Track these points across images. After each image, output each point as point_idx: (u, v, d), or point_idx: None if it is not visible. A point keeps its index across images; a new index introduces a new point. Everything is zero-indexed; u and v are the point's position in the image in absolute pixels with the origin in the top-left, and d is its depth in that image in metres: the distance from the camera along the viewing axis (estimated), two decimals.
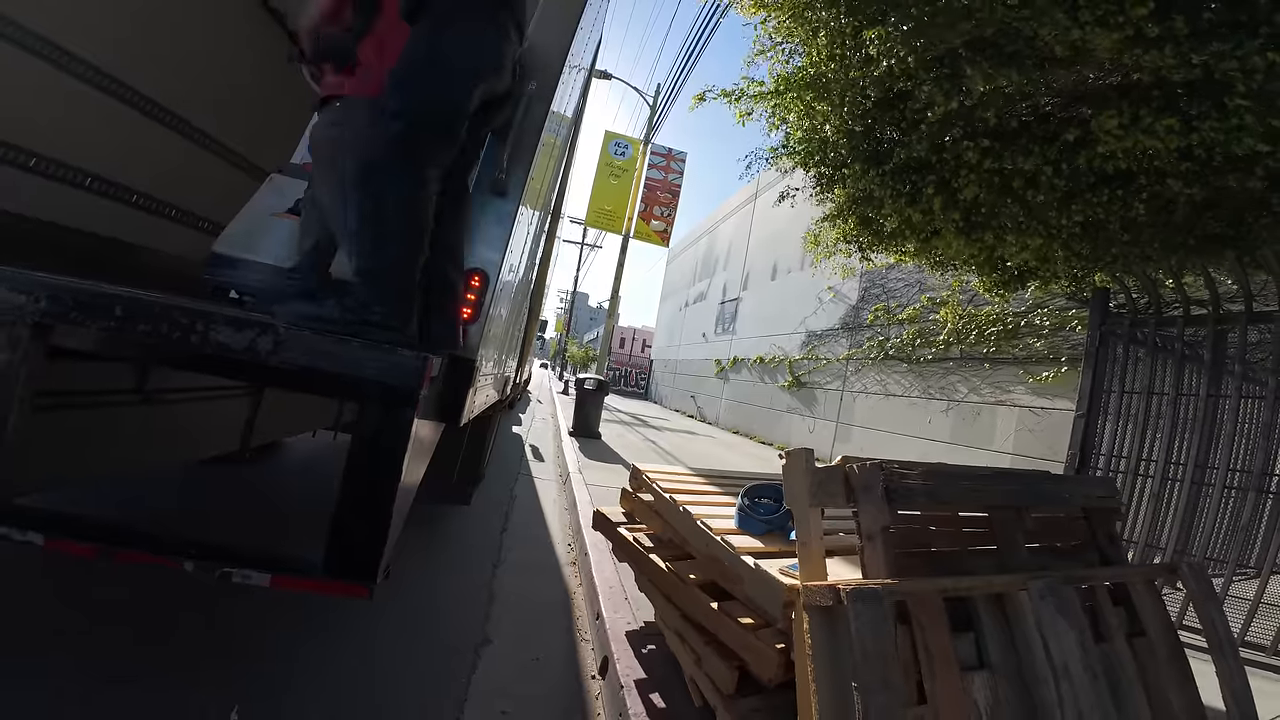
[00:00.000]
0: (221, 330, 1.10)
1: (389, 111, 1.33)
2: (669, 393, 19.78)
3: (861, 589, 1.01)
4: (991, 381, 6.25)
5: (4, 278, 1.08)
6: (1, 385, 1.05)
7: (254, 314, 1.28)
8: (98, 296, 1.10)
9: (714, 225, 18.06)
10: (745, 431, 12.25)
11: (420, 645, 1.93)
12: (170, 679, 1.49)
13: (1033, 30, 2.00)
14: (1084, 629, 1.25)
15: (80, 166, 1.99)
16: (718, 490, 2.06)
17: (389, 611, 2.05)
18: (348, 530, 1.15)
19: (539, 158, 1.77)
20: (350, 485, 1.16)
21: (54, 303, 1.07)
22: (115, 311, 1.09)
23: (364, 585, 1.15)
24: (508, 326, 2.35)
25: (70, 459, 1.55)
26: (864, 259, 4.05)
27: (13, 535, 1.06)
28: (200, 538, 1.17)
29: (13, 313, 1.06)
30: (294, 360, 1.13)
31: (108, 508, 2.13)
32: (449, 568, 2.64)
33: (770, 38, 3.10)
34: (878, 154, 2.97)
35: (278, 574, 1.12)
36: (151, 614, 1.78)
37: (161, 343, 1.11)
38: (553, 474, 5.38)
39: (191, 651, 1.65)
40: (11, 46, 1.69)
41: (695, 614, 1.56)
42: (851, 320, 9.16)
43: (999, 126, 2.42)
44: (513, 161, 1.63)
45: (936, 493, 1.28)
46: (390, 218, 1.34)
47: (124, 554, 1.10)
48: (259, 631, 1.80)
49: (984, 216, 2.76)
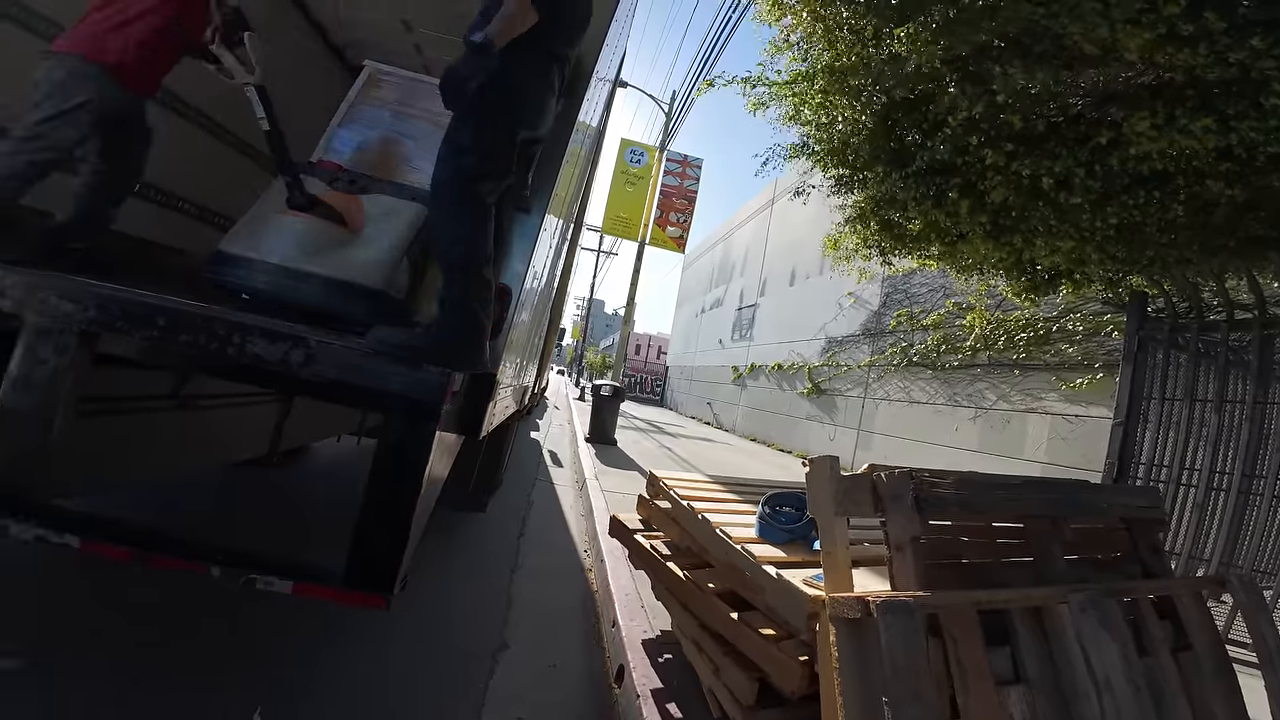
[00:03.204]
0: (257, 342, 1.14)
1: (460, 147, 1.48)
2: (685, 399, 19.69)
3: (892, 601, 0.97)
4: (1022, 388, 6.07)
5: (54, 286, 1.13)
6: (48, 390, 1.09)
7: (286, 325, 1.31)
8: (142, 306, 1.14)
9: (730, 231, 18.02)
10: (763, 439, 12.11)
11: (438, 649, 1.94)
12: (196, 681, 1.52)
13: (1061, 28, 1.95)
14: (1127, 642, 1.21)
15: None
16: (736, 498, 2.03)
17: (407, 616, 2.07)
18: (367, 542, 1.17)
19: (564, 170, 1.79)
20: (371, 498, 1.18)
21: (101, 311, 1.12)
22: (159, 321, 1.13)
23: (382, 596, 1.16)
24: (528, 337, 2.37)
25: (109, 462, 1.61)
26: (885, 263, 3.98)
27: (50, 537, 1.09)
28: (228, 544, 1.20)
29: (62, 320, 1.10)
30: (324, 373, 1.16)
31: (141, 511, 2.20)
32: (467, 572, 2.65)
33: (788, 38, 3.08)
34: (900, 156, 2.92)
35: (299, 582, 1.15)
36: (179, 616, 1.82)
37: (201, 352, 1.15)
38: (570, 479, 5.38)
39: (216, 654, 1.68)
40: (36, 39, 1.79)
41: (714, 623, 1.54)
42: (873, 326, 9.00)
43: (1026, 129, 2.36)
44: (539, 176, 1.65)
45: (969, 502, 1.24)
46: (469, 246, 1.47)
47: (157, 558, 1.13)
48: (279, 637, 1.83)
49: (1013, 220, 2.70)
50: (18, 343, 1.11)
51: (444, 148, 1.52)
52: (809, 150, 3.50)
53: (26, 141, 1.61)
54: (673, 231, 14.33)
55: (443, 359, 1.31)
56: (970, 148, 2.47)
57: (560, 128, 1.75)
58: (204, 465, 2.43)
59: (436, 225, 1.55)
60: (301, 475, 3.70)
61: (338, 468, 4.01)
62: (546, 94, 1.61)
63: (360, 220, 2.04)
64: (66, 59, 1.66)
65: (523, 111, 1.56)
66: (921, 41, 2.19)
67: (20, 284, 1.12)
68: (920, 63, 2.28)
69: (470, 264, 1.47)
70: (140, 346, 1.30)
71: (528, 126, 1.58)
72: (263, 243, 1.95)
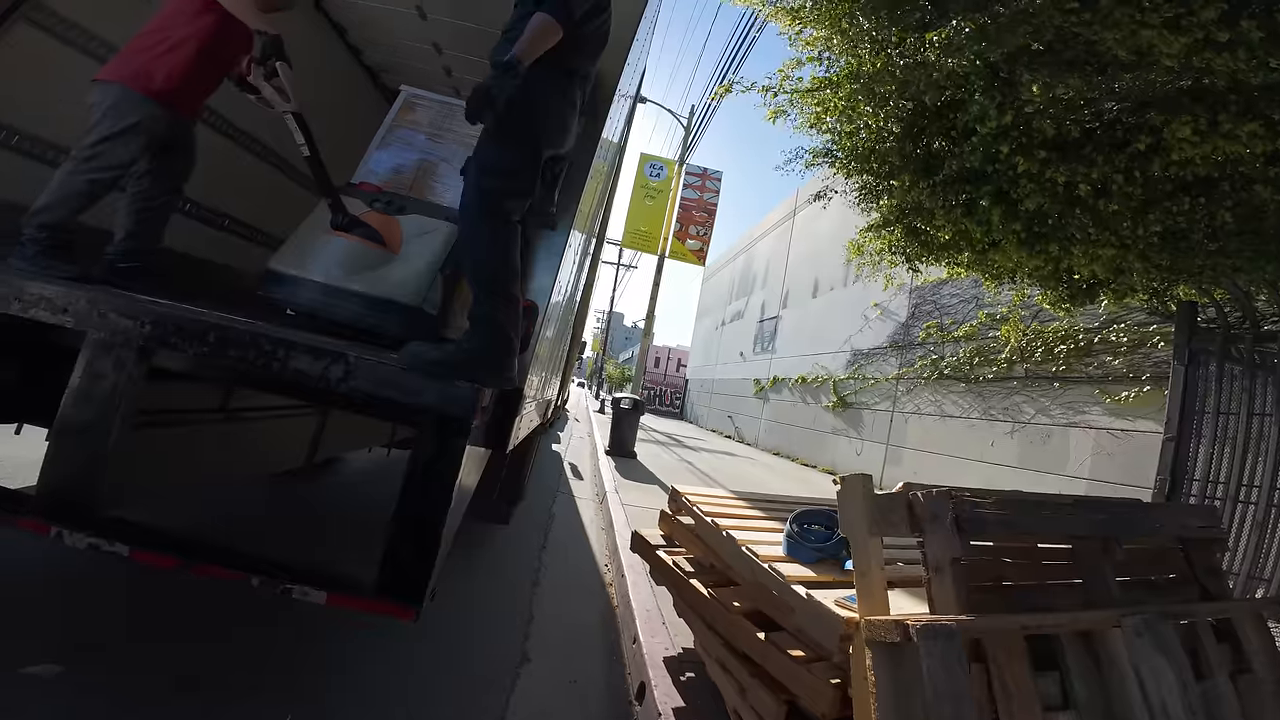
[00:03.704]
0: (300, 358, 1.19)
1: (485, 168, 1.53)
2: (705, 412, 19.53)
3: (934, 626, 0.94)
4: (1062, 402, 5.82)
5: (113, 303, 1.20)
6: (107, 403, 1.16)
7: (326, 342, 1.36)
8: (194, 322, 1.20)
9: (751, 243, 17.98)
10: (787, 453, 11.89)
11: (461, 662, 1.94)
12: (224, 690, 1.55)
13: (1094, 35, 1.91)
14: (1184, 666, 1.15)
15: None
16: (762, 515, 1.99)
17: (431, 626, 2.08)
18: (399, 555, 1.19)
19: (588, 186, 1.83)
20: (403, 512, 1.20)
21: (157, 327, 1.18)
22: (209, 338, 1.19)
23: (411, 608, 1.18)
24: (552, 351, 2.40)
25: (159, 472, 1.68)
26: (911, 270, 3.90)
27: (102, 545, 1.13)
28: (266, 553, 1.23)
29: (121, 336, 1.17)
30: (361, 388, 1.20)
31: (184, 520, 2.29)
32: (491, 584, 2.66)
33: (807, 48, 3.08)
34: (928, 164, 2.88)
35: (333, 592, 1.16)
36: (213, 622, 1.87)
37: (248, 367, 1.20)
38: (590, 493, 5.38)
39: (248, 659, 1.72)
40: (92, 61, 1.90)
41: (739, 643, 1.50)
42: (901, 338, 8.80)
43: (1059, 136, 2.30)
44: (564, 193, 1.69)
45: (1013, 523, 1.20)
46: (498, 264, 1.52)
47: (200, 567, 1.16)
48: (307, 643, 1.86)
49: (1049, 227, 2.61)
50: (79, 358, 1.18)
51: (470, 168, 1.58)
52: (832, 156, 3.47)
53: (85, 162, 1.72)
54: (692, 244, 14.40)
55: (473, 374, 1.35)
56: (1001, 155, 2.42)
57: (585, 145, 1.79)
58: (247, 476, 2.52)
59: (465, 244, 1.60)
60: (332, 486, 3.80)
61: (367, 478, 4.11)
62: (568, 112, 1.65)
63: (398, 241, 2.13)
64: (113, 87, 1.77)
65: (545, 130, 1.60)
66: (951, 48, 2.18)
67: (83, 301, 1.19)
68: (950, 70, 2.26)
69: (499, 281, 1.51)
70: (192, 361, 1.36)
71: (551, 145, 1.63)
72: (308, 261, 2.06)
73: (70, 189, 1.70)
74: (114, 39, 2.00)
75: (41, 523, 1.13)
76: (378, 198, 2.28)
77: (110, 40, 2.04)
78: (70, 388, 1.16)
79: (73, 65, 1.96)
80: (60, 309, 1.18)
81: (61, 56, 1.97)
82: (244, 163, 2.93)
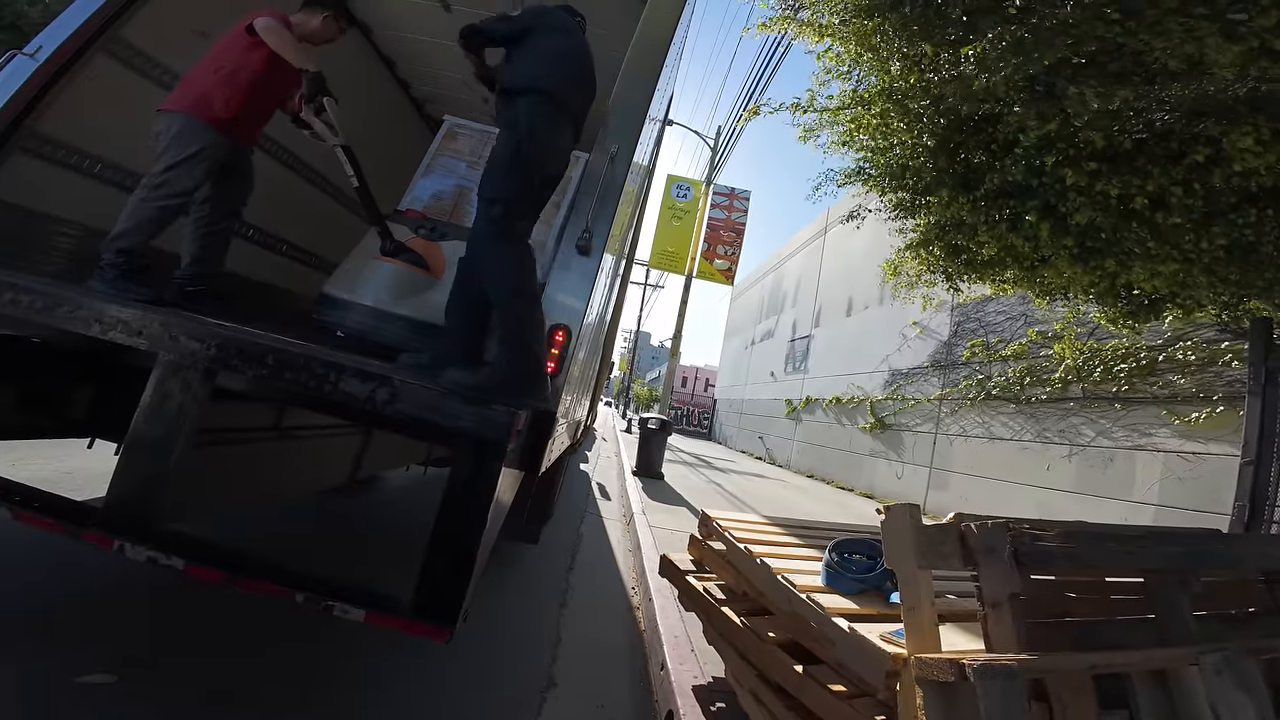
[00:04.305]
0: (349, 381, 1.24)
1: (487, 198, 1.67)
2: (735, 433, 19.19)
3: (993, 665, 0.88)
4: (1126, 424, 5.48)
5: (183, 326, 1.27)
6: (173, 422, 1.23)
7: (374, 365, 1.42)
8: (255, 346, 1.27)
9: (780, 261, 17.85)
10: (821, 475, 11.52)
11: (490, 681, 1.94)
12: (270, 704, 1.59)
13: (1141, 45, 1.85)
14: (1266, 704, 1.07)
15: None
16: (797, 542, 1.93)
17: (462, 645, 2.08)
18: (434, 577, 1.21)
19: (619, 210, 1.87)
20: (439, 535, 1.23)
21: (221, 350, 1.24)
22: (268, 360, 1.25)
23: (445, 629, 1.19)
24: (583, 373, 2.43)
25: (218, 488, 1.77)
26: (952, 288, 3.77)
27: (160, 558, 1.18)
28: (309, 570, 1.27)
29: (189, 358, 1.24)
30: (404, 410, 1.25)
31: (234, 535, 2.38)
32: (518, 605, 2.66)
33: (836, 65, 3.07)
34: (966, 179, 2.80)
35: (371, 611, 1.19)
36: (258, 637, 1.92)
37: (301, 389, 1.26)
38: (617, 513, 5.33)
39: (292, 674, 1.76)
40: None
41: (774, 674, 1.45)
42: (943, 357, 8.49)
43: (1110, 147, 2.21)
44: (596, 219, 1.73)
45: (1079, 556, 1.13)
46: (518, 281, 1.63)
47: (248, 582, 1.21)
48: (343, 658, 1.89)
49: (1103, 242, 2.48)
50: (151, 377, 1.26)
51: (478, 200, 1.71)
52: (864, 175, 3.43)
53: (155, 189, 1.84)
54: (720, 264, 14.40)
55: (508, 396, 1.39)
56: (1046, 168, 2.33)
57: (616, 171, 1.84)
58: (297, 493, 2.61)
59: (484, 269, 1.69)
60: (368, 503, 3.90)
61: (402, 496, 4.21)
62: (556, 137, 1.79)
63: (441, 266, 2.22)
64: (177, 115, 1.90)
65: (536, 156, 1.73)
66: (988, 63, 2.14)
67: (156, 324, 1.27)
68: (987, 84, 2.21)
69: (521, 297, 1.59)
70: (251, 382, 1.44)
71: (541, 169, 1.75)
72: (358, 286, 2.17)
73: (143, 215, 1.83)
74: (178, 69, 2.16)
75: (105, 536, 1.19)
76: (422, 224, 2.39)
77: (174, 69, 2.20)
78: (141, 406, 1.24)
79: (146, 95, 2.12)
80: (135, 331, 1.26)
81: (136, 87, 2.14)
82: (303, 192, 3.13)
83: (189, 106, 1.91)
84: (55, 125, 1.93)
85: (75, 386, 1.97)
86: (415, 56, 3.63)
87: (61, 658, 1.54)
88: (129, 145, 2.11)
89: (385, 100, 3.84)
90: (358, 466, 2.81)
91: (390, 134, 3.74)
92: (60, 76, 1.86)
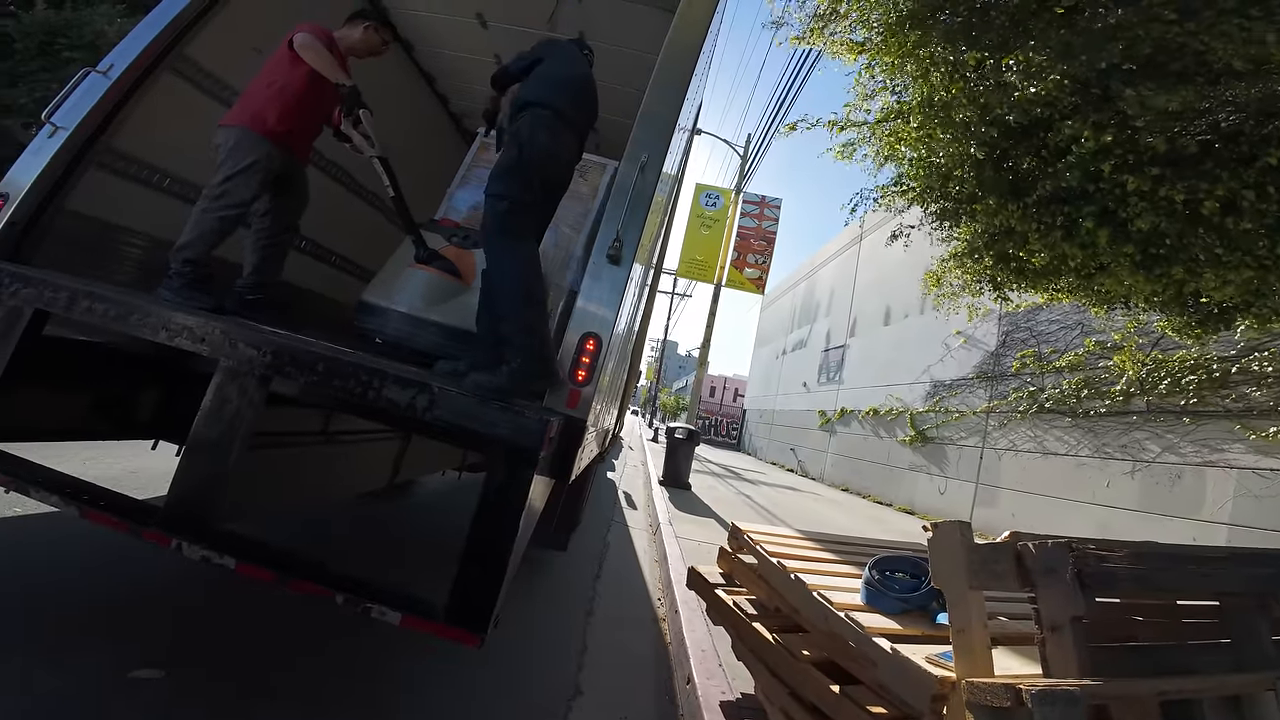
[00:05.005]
0: (391, 387, 1.28)
1: (492, 194, 1.82)
2: (765, 444, 18.83)
3: (1053, 691, 0.82)
4: (1195, 439, 5.11)
5: (241, 333, 1.33)
6: (231, 425, 1.29)
7: (413, 372, 1.46)
8: (307, 353, 1.32)
9: (813, 270, 17.53)
10: (856, 489, 11.15)
11: (520, 688, 1.94)
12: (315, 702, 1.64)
13: (1202, 45, 1.74)
14: None
15: None
16: (833, 558, 1.86)
17: (492, 651, 2.10)
18: (468, 584, 1.23)
19: (649, 219, 1.88)
20: (472, 542, 1.24)
21: (276, 357, 1.30)
22: (318, 368, 1.30)
23: (477, 635, 1.20)
24: (613, 381, 2.44)
25: (270, 491, 1.84)
26: (1001, 298, 3.61)
27: (213, 558, 1.23)
28: (349, 572, 1.30)
29: (246, 364, 1.30)
30: (443, 418, 1.28)
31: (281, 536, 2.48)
32: (546, 612, 2.67)
33: (873, 79, 3.01)
34: (1016, 185, 2.68)
35: (407, 614, 1.21)
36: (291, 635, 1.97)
37: (347, 395, 1.30)
38: (643, 523, 5.30)
39: (323, 673, 1.80)
40: None
41: (808, 693, 1.40)
42: (990, 368, 8.12)
43: (1172, 151, 2.08)
44: (626, 228, 1.74)
45: (1149, 579, 1.06)
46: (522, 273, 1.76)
47: (295, 582, 1.24)
48: (375, 661, 1.92)
49: (1168, 249, 2.33)
50: (212, 382, 1.32)
51: (484, 198, 1.85)
52: (904, 188, 3.33)
53: (215, 200, 1.94)
54: (750, 273, 14.23)
55: (526, 392, 1.48)
56: (1103, 174, 2.21)
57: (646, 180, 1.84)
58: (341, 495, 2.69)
59: (494, 266, 1.80)
60: (404, 508, 4.01)
61: (438, 500, 4.31)
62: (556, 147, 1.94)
63: (473, 273, 2.28)
64: (234, 130, 2.01)
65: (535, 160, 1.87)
66: (1034, 69, 2.05)
67: (218, 331, 1.34)
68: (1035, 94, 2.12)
69: (526, 287, 1.73)
70: (302, 388, 1.50)
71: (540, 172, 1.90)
72: (394, 293, 2.24)
73: (205, 226, 1.93)
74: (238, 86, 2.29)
75: (164, 535, 1.25)
76: (455, 233, 2.47)
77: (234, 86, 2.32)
78: (202, 409, 1.30)
79: (209, 111, 2.25)
80: (199, 338, 1.33)
81: (199, 104, 2.27)
82: (353, 206, 3.28)
83: (246, 121, 2.02)
84: (129, 141, 2.05)
85: (142, 391, 2.10)
86: (454, 72, 3.77)
87: (114, 653, 1.60)
88: (194, 159, 2.23)
89: (426, 115, 4.00)
90: (396, 471, 2.89)
91: (429, 147, 3.89)
92: (132, 93, 1.98)
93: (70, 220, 1.94)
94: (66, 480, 1.40)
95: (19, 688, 1.38)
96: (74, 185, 1.91)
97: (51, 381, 1.75)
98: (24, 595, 1.80)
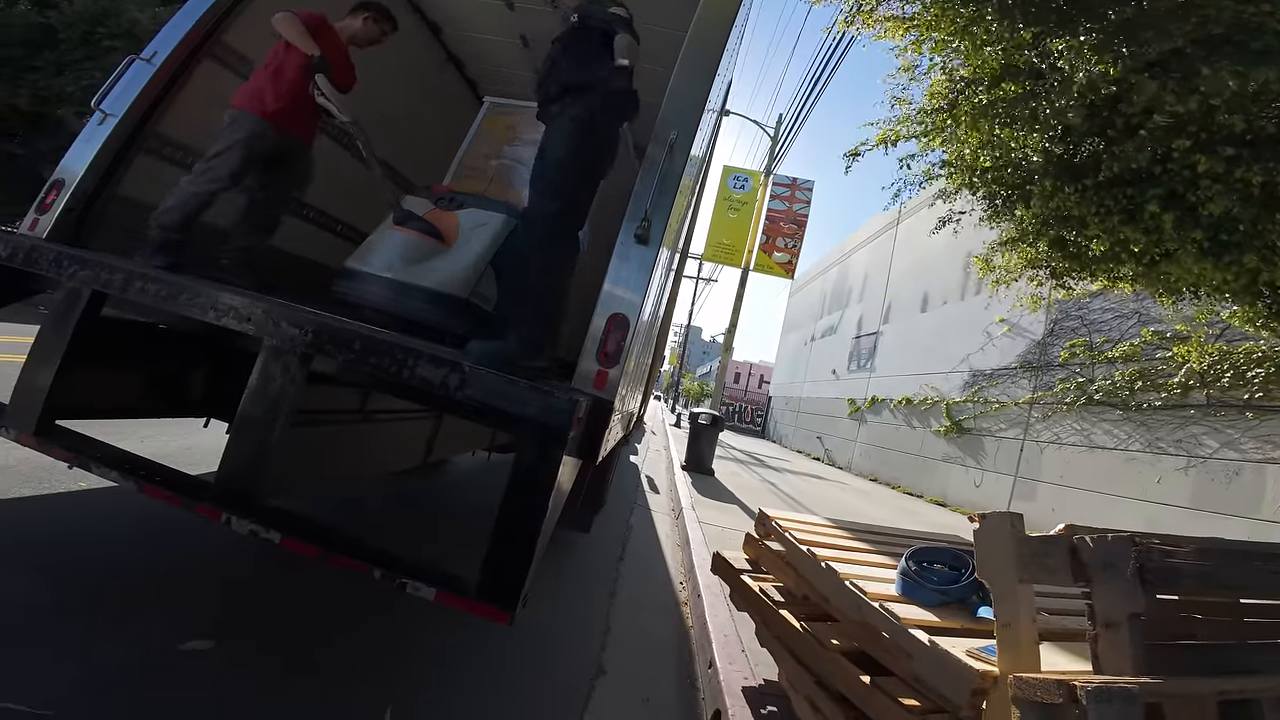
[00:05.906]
0: (425, 366, 1.30)
1: (548, 194, 1.81)
2: (790, 432, 18.60)
3: (1109, 688, 0.79)
4: (1258, 434, 4.83)
5: (283, 313, 1.36)
6: (276, 402, 1.33)
7: (445, 351, 1.48)
8: (345, 332, 1.34)
9: (845, 255, 17.02)
10: (886, 480, 10.93)
11: (545, 664, 1.99)
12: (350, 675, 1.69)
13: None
14: None
15: None
16: (865, 547, 1.82)
17: (517, 628, 2.13)
18: (499, 562, 1.24)
19: (677, 202, 1.84)
20: (503, 521, 1.26)
21: (316, 336, 1.33)
22: (355, 345, 1.32)
23: (508, 612, 1.22)
24: (639, 365, 2.43)
25: (311, 467, 1.90)
26: (1059, 286, 3.42)
27: (260, 532, 1.27)
28: (386, 548, 1.33)
29: (289, 343, 1.33)
30: (474, 397, 1.30)
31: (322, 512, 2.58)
32: (570, 593, 2.71)
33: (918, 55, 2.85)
34: (1074, 167, 2.51)
35: (441, 590, 1.23)
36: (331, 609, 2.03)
37: (383, 373, 1.32)
38: (666, 507, 5.33)
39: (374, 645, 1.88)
40: None
41: (835, 683, 1.38)
42: (1035, 357, 7.76)
43: (1249, 130, 1.91)
44: (655, 209, 1.70)
45: (1215, 575, 1.00)
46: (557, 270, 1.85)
47: (337, 557, 1.28)
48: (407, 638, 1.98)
49: (1240, 235, 2.16)
50: (257, 361, 1.36)
51: (536, 191, 1.83)
52: (951, 169, 3.16)
53: (199, 175, 2.01)
54: (780, 257, 13.91)
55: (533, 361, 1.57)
56: (1176, 153, 2.04)
57: (675, 160, 1.79)
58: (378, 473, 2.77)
59: (530, 254, 1.82)
60: (437, 486, 4.13)
61: (468, 479, 4.43)
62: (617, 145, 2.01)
63: (454, 234, 2.28)
64: (235, 111, 2.08)
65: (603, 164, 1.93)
66: (1091, 50, 1.90)
67: (260, 310, 1.37)
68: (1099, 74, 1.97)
69: (556, 285, 1.82)
70: (341, 366, 1.54)
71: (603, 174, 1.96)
72: (374, 258, 2.25)
73: (182, 195, 2.00)
74: None
75: (215, 509, 1.30)
76: (441, 196, 2.46)
77: None
78: (249, 388, 1.35)
79: None
80: (245, 318, 1.36)
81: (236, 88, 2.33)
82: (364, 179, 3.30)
83: (245, 103, 2.09)
84: (173, 126, 2.12)
85: (193, 371, 2.20)
86: (481, 55, 3.76)
87: (166, 624, 1.66)
88: None
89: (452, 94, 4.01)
90: (429, 450, 2.96)
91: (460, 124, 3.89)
92: (175, 80, 2.05)
93: (122, 206, 2.02)
94: (125, 456, 1.47)
95: (80, 656, 1.44)
96: (124, 171, 1.98)
97: (110, 361, 1.84)
98: (79, 567, 1.88)
